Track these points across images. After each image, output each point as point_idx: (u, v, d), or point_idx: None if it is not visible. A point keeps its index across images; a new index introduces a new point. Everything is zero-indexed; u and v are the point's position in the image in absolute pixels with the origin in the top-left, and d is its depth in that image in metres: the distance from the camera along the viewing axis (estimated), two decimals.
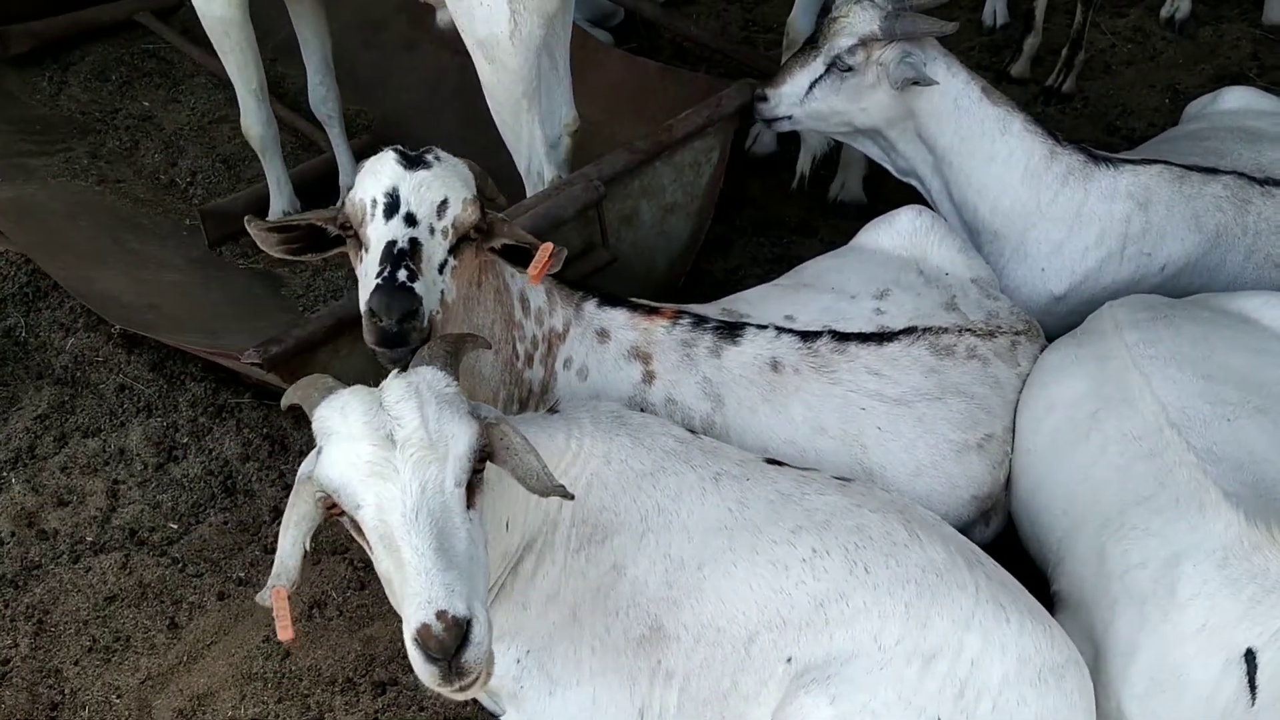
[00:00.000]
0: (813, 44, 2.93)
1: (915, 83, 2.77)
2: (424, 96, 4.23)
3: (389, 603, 1.77)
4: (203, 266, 3.61)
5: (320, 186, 3.91)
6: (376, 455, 1.51)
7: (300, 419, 3.10)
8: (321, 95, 3.63)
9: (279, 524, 2.85)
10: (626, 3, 4.53)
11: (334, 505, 1.54)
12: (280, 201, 3.64)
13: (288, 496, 2.90)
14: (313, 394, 1.65)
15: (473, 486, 1.59)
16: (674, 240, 3.34)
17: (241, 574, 2.76)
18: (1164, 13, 4.55)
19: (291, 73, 4.42)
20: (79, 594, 2.72)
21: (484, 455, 1.61)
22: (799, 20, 3.81)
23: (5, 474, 3.02)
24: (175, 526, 2.87)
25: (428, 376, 1.61)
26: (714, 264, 3.64)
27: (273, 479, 2.99)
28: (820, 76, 2.90)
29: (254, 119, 3.43)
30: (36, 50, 4.60)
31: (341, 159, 3.78)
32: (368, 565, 2.67)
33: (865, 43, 2.82)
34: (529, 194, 3.04)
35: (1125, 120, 4.12)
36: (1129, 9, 4.64)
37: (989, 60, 4.49)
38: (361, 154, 3.92)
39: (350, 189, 2.03)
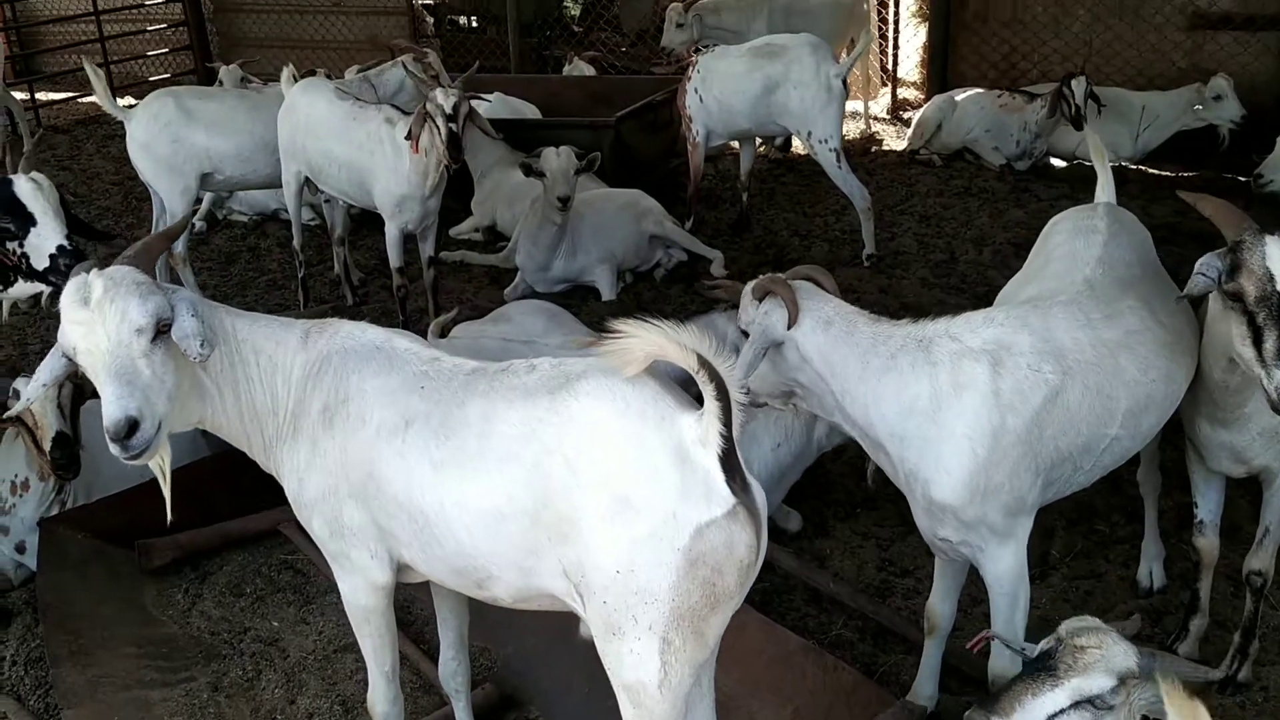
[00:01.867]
0: (1046, 669, 2.61)
1: None
2: (549, 642, 4.10)
3: None
4: None
5: None
6: None
7: None
8: (452, 670, 3.53)
9: None
10: None
11: None
12: None
13: None
14: None
15: None
16: None
17: None
18: None
19: (421, 597, 4.39)
20: None
21: None
22: (938, 606, 3.67)
23: None
24: None
25: None
26: None
27: None
28: (1062, 710, 2.59)
29: (381, 697, 3.30)
30: (178, 560, 4.73)
31: None
32: None
33: (1125, 680, 2.54)
34: None
35: None
36: None
37: (1149, 630, 4.21)
38: (481, 710, 3.80)
39: None
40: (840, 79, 7.35)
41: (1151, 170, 9.40)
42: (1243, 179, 8.35)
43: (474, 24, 13.69)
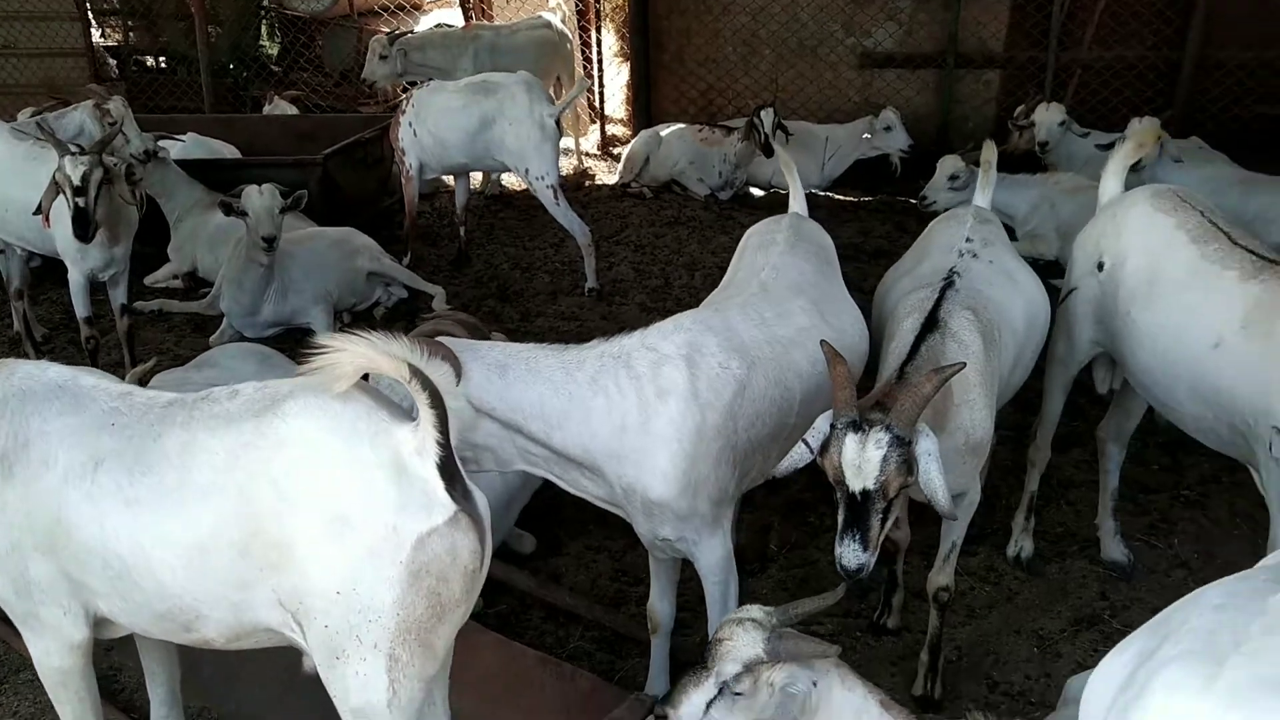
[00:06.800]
0: (703, 662, 2.84)
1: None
2: (279, 692, 3.91)
3: None
4: None
5: None
6: None
7: None
8: None
9: None
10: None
11: None
12: None
13: None
14: None
15: None
16: None
17: None
18: (1010, 551, 4.78)
19: (129, 664, 4.07)
20: None
21: None
22: (658, 605, 3.87)
23: None
24: None
25: None
26: None
27: None
28: (714, 698, 2.78)
29: None
30: None
31: None
32: None
33: (751, 667, 2.74)
34: None
35: (1002, 672, 4.14)
36: (979, 547, 4.86)
37: (859, 606, 4.54)
38: None
39: None
40: (553, 119, 7.53)
41: (837, 196, 10.22)
42: (913, 201, 9.25)
43: (162, 65, 12.98)
